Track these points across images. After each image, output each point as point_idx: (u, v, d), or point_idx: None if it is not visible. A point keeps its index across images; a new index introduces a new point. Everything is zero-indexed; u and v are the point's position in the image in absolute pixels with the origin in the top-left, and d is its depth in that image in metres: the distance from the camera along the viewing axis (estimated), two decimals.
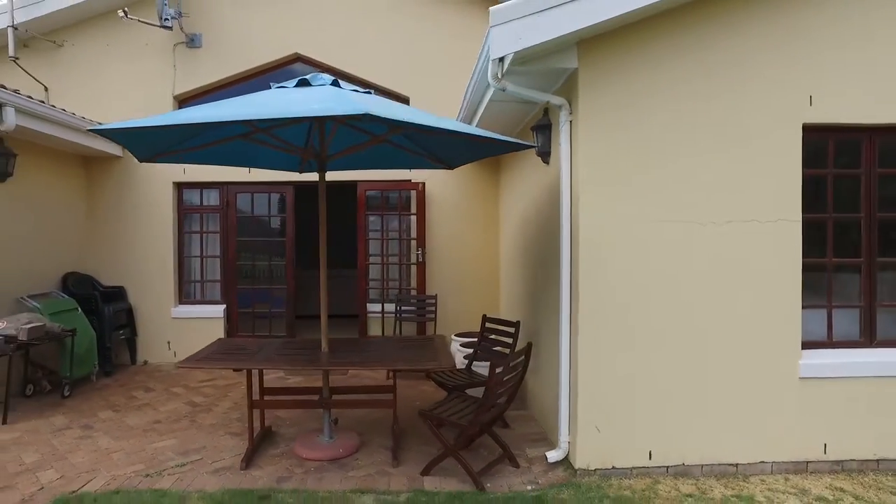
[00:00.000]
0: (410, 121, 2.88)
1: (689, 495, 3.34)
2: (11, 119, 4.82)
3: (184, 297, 7.11)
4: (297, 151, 4.12)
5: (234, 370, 4.65)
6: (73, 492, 3.45)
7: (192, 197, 7.13)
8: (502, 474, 3.68)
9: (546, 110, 4.05)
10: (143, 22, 6.44)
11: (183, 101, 6.97)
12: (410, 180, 6.89)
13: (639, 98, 3.52)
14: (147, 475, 3.68)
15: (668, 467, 3.61)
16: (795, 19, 3.55)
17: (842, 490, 3.41)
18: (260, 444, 4.19)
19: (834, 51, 3.57)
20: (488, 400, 3.41)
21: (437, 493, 3.41)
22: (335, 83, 3.60)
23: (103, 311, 6.24)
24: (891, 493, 3.38)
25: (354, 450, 4.08)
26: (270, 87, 3.70)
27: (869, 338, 3.80)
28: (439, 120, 3.42)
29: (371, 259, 7.10)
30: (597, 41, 3.47)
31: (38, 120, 5.14)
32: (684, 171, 3.55)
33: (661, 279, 3.55)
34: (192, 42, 6.83)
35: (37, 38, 6.61)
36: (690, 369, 3.58)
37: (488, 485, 3.52)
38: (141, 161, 4.12)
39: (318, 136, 4.01)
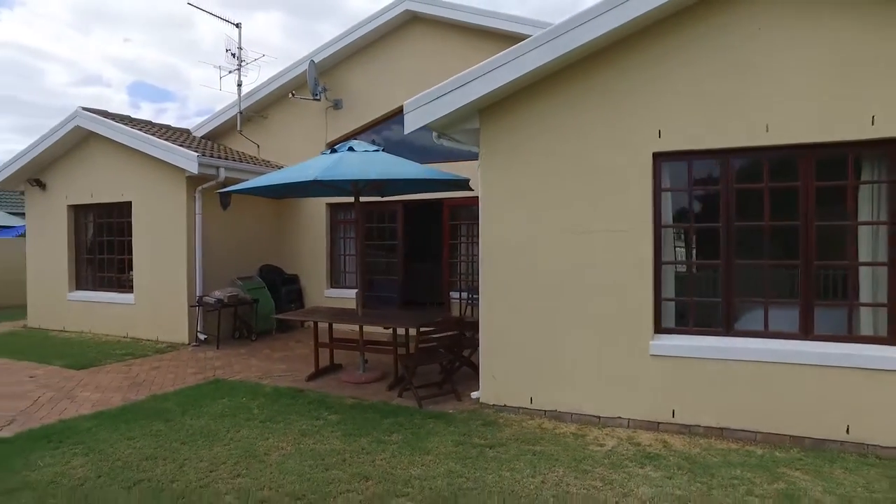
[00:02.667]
0: (354, 178, 5.01)
1: (544, 429, 4.67)
2: (223, 173, 8.34)
3: (333, 282, 10.23)
4: (339, 189, 6.52)
5: (301, 320, 7.32)
6: (223, 378, 6.42)
7: (338, 213, 10.20)
8: (444, 403, 5.43)
9: None
10: (303, 98, 9.71)
11: (330, 144, 10.07)
12: None
13: (523, 144, 4.94)
14: (259, 377, 6.48)
15: (545, 411, 4.93)
16: (641, 71, 4.53)
17: (664, 442, 4.31)
18: (326, 371, 6.70)
19: (678, 94, 4.44)
20: (417, 351, 5.29)
21: (393, 404, 5.40)
22: (350, 148, 5.89)
23: (280, 290, 9.66)
24: (702, 448, 4.16)
25: (374, 380, 6.28)
26: (321, 154, 6.19)
27: (727, 327, 4.48)
28: (399, 171, 5.45)
29: (452, 258, 9.18)
30: (491, 108, 5.03)
31: (236, 171, 8.62)
32: (555, 193, 4.84)
33: (539, 271, 4.90)
34: (336, 105, 9.89)
35: (253, 115, 10.45)
36: (565, 340, 4.84)
37: (430, 407, 5.34)
38: (278, 199, 7.04)
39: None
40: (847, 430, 4.04)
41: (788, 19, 4.13)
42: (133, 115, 9.97)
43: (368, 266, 10.07)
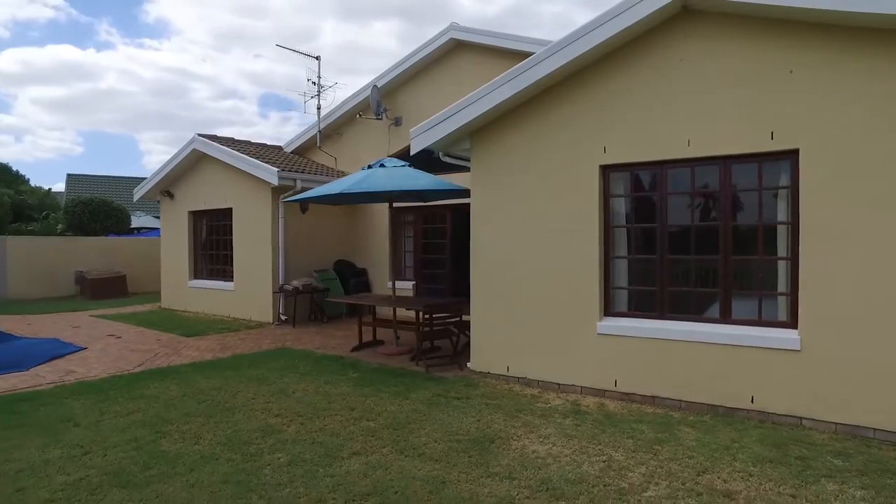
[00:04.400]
0: (372, 190, 6.44)
1: (511, 390, 5.75)
2: (300, 183, 10.23)
3: (396, 275, 11.74)
4: (377, 197, 8.00)
5: (350, 303, 8.90)
6: (288, 347, 8.18)
7: (399, 215, 11.77)
8: (448, 371, 6.68)
9: None
10: (368, 118, 11.41)
11: (392, 156, 11.64)
12: None
13: (504, 161, 6.06)
14: (315, 348, 8.16)
15: (518, 378, 6.00)
16: (589, 100, 5.46)
17: (601, 405, 5.21)
18: (368, 345, 8.22)
19: (619, 117, 5.32)
20: (425, 331, 6.60)
21: (407, 369, 6.75)
22: (382, 165, 7.36)
23: (350, 281, 11.43)
24: (629, 411, 5.01)
25: (403, 353, 7.69)
26: (361, 169, 7.73)
27: (661, 311, 5.27)
28: (412, 183, 6.81)
29: None
30: (478, 132, 6.19)
31: (310, 181, 10.47)
32: (525, 201, 5.89)
33: (512, 265, 5.99)
34: (396, 123, 11.46)
35: (330, 133, 12.38)
36: (532, 320, 5.88)
37: (436, 373, 6.63)
38: (333, 205, 8.74)
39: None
40: (752, 400, 4.71)
41: (700, 52, 4.86)
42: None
43: (424, 261, 11.54)
